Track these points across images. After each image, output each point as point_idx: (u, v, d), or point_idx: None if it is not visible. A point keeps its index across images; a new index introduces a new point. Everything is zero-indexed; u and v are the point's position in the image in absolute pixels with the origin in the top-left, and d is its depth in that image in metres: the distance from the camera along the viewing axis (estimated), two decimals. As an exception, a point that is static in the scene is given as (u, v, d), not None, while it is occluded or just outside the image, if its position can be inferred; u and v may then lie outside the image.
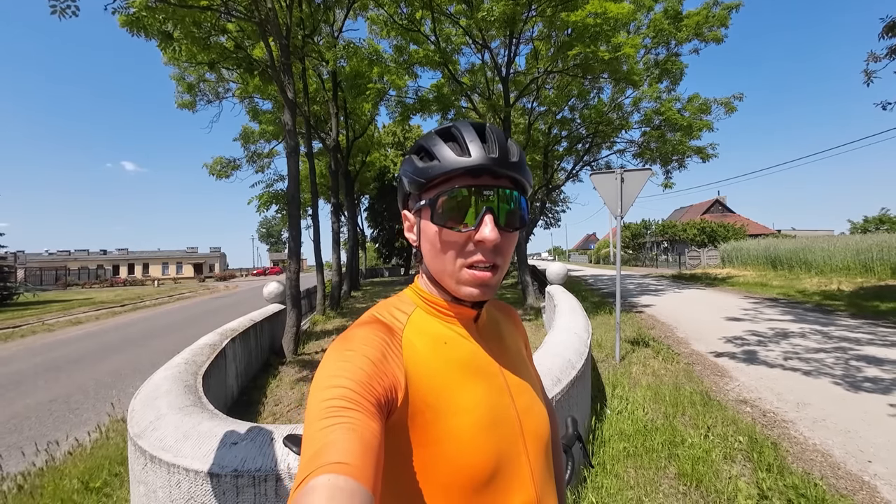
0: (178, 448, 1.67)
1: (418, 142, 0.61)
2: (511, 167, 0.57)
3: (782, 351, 5.77)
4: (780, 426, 3.45)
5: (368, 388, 0.47)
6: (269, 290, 6.87)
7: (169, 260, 55.69)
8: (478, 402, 0.57)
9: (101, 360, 7.28)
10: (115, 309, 16.83)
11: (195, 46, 7.40)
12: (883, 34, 7.86)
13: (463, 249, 0.56)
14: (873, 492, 2.50)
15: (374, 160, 22.19)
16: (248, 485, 1.52)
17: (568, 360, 2.64)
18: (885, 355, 5.30)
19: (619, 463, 2.77)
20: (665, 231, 36.77)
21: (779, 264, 18.91)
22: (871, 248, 15.01)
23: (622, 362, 5.26)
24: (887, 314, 8.17)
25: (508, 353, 0.68)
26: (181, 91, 13.15)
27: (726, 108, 13.15)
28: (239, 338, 4.63)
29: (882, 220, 32.10)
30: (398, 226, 32.01)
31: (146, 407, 2.10)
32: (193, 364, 3.07)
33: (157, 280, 44.38)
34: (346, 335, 0.56)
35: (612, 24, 8.99)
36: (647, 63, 13.00)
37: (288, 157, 6.90)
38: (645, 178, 5.34)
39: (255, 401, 4.45)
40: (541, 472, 0.61)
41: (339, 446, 0.40)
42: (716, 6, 12.20)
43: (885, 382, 4.31)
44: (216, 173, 16.10)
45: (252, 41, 8.78)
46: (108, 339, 9.59)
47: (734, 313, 9.11)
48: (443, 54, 10.40)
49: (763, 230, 37.27)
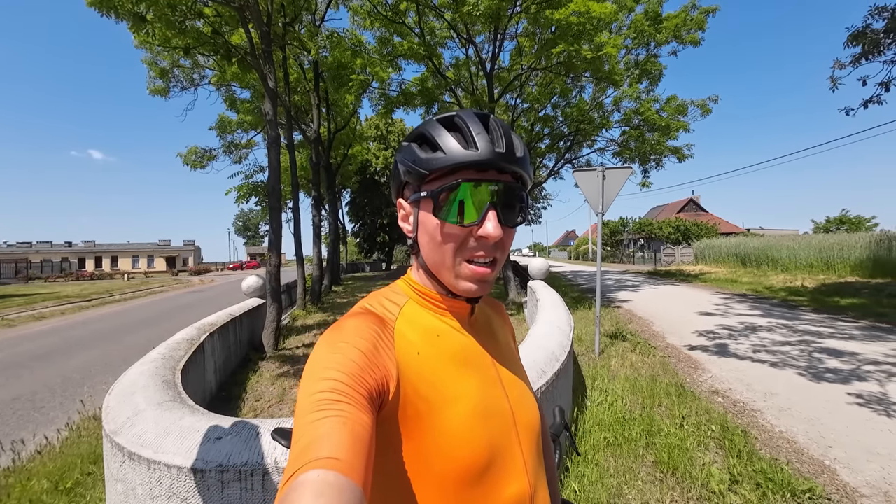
0: (159, 444, 1.62)
1: (418, 129, 0.59)
2: (517, 162, 0.56)
3: (751, 344, 6.03)
4: (750, 415, 3.62)
5: (360, 381, 0.47)
6: (249, 283, 6.71)
7: (139, 253, 53.60)
8: (471, 394, 0.57)
9: (68, 356, 6.97)
10: (81, 303, 16.10)
11: (169, 30, 7.07)
12: (848, 43, 8.24)
13: (464, 244, 0.56)
14: (833, 475, 2.66)
15: (357, 153, 21.87)
16: (234, 479, 1.49)
17: (552, 352, 2.69)
18: (843, 348, 5.62)
19: (600, 452, 2.85)
20: (642, 228, 37.77)
21: (748, 262, 19.72)
22: (832, 247, 15.84)
23: (601, 355, 5.40)
24: (846, 309, 8.66)
25: (499, 346, 0.68)
26: (153, 76, 12.59)
27: (702, 109, 13.54)
28: (217, 332, 4.52)
29: (842, 220, 33.90)
30: (380, 220, 31.76)
31: (122, 403, 2.03)
32: (171, 359, 2.98)
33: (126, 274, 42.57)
34: (338, 326, 0.55)
35: (595, 23, 9.09)
36: (627, 63, 13.24)
37: (268, 147, 6.73)
38: (626, 177, 5.46)
39: (235, 396, 4.36)
40: (533, 462, 0.61)
41: (329, 440, 0.40)
42: (694, 10, 12.52)
43: (844, 373, 4.58)
44: (191, 163, 15.52)
45: (230, 27, 8.49)
46: (75, 334, 9.17)
47: (707, 308, 9.47)
48: (427, 47, 10.32)
49: (734, 229, 38.78)
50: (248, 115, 14.72)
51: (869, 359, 5.07)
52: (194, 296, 18.40)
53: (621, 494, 2.45)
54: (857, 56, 8.18)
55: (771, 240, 20.06)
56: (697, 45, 12.84)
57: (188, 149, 15.46)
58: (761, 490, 2.44)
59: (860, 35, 8.03)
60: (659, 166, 14.66)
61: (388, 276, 21.58)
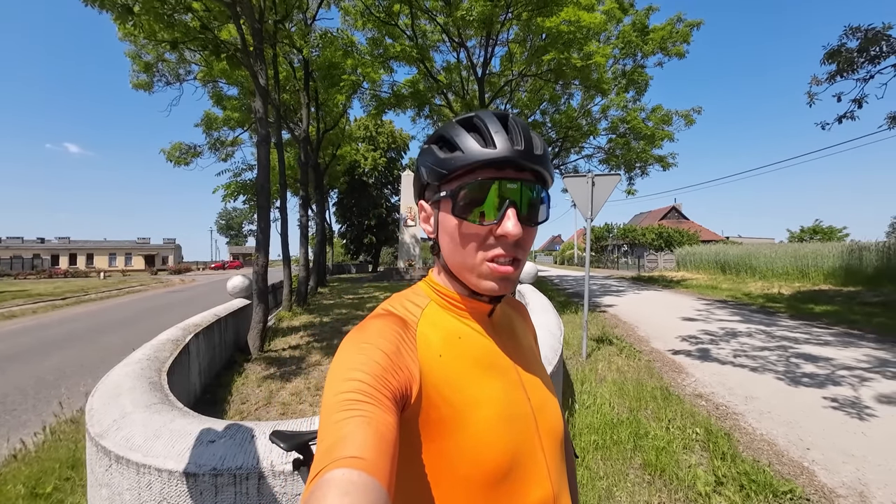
0: (149, 447, 1.58)
1: (439, 131, 0.60)
2: (536, 160, 0.55)
3: (732, 349, 6.20)
4: (732, 418, 3.72)
5: (384, 382, 0.47)
6: (234, 284, 6.58)
7: (117, 251, 51.97)
8: (494, 397, 0.56)
9: (41, 357, 6.70)
10: (55, 302, 15.51)
11: (157, 23, 6.94)
12: (824, 60, 8.59)
13: (484, 243, 0.56)
14: (812, 476, 2.76)
15: (345, 154, 21.69)
16: (228, 483, 1.46)
17: (544, 356, 2.72)
18: (819, 353, 5.83)
19: (590, 455, 2.89)
20: (626, 235, 38.47)
21: (727, 269, 20.28)
22: (806, 256, 16.42)
23: (588, 359, 5.47)
24: (821, 316, 8.97)
25: (521, 349, 0.68)
26: (137, 70, 12.26)
27: (686, 120, 13.93)
28: (202, 333, 4.41)
29: (815, 230, 35.22)
30: (367, 222, 31.55)
31: (108, 405, 1.97)
32: (156, 360, 2.90)
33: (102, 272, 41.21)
34: (361, 327, 0.55)
35: (585, 32, 9.28)
36: (615, 72, 13.53)
37: (258, 145, 6.63)
38: (614, 184, 5.57)
39: (221, 399, 4.26)
40: (557, 468, 0.60)
41: (354, 440, 0.40)
42: (679, 23, 12.88)
43: (820, 378, 4.74)
44: (174, 160, 15.15)
45: (220, 22, 8.35)
46: (48, 334, 8.83)
47: (689, 314, 9.69)
48: (419, 50, 10.35)
49: (714, 236, 39.83)
50: (235, 113, 14.46)
51: (843, 364, 5.26)
52: (174, 296, 17.92)
53: (611, 497, 2.48)
54: (833, 73, 8.54)
55: (749, 248, 20.69)
56: (682, 57, 13.21)
57: (172, 145, 15.09)
58: (745, 491, 2.50)
59: (835, 53, 8.38)
60: (644, 174, 14.99)
61: (375, 279, 21.41)
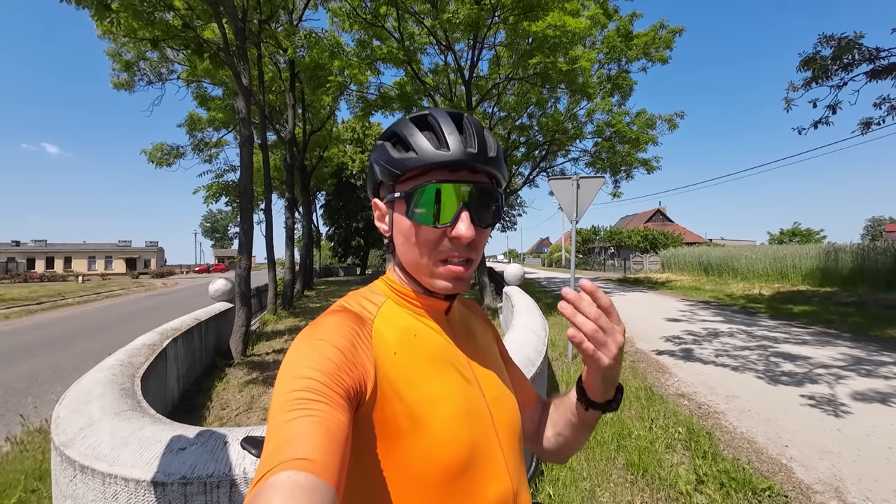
0: (116, 456, 1.51)
1: (391, 127, 0.59)
2: (489, 162, 0.55)
3: (714, 349, 6.31)
4: (713, 417, 3.77)
5: (337, 379, 0.46)
6: (217, 287, 6.45)
7: (96, 254, 50.62)
8: (450, 394, 0.56)
9: (10, 363, 6.46)
10: (29, 307, 15.00)
11: (136, 21, 6.77)
12: (800, 67, 8.85)
13: (438, 244, 0.56)
14: (790, 473, 2.80)
15: (332, 156, 21.56)
16: (198, 492, 1.41)
17: (528, 357, 2.71)
18: (797, 352, 5.97)
19: (573, 455, 2.89)
20: (612, 237, 39.02)
21: (710, 270, 20.70)
22: (785, 258, 16.87)
23: (574, 360, 5.50)
24: (799, 316, 9.21)
25: (477, 345, 0.68)
26: (117, 69, 11.99)
27: (669, 124, 14.20)
28: (181, 338, 4.30)
29: (794, 232, 36.21)
30: (355, 224, 31.33)
31: (75, 413, 1.89)
32: (130, 366, 2.81)
33: (81, 276, 39.99)
34: (315, 324, 0.54)
35: (570, 37, 9.38)
36: (600, 77, 13.72)
37: (241, 147, 6.53)
38: (598, 186, 5.63)
39: (200, 405, 4.15)
40: (515, 462, 0.60)
41: (303, 440, 0.39)
42: (662, 29, 13.14)
43: (798, 376, 4.85)
44: (156, 161, 14.78)
45: (203, 21, 8.21)
46: (20, 340, 8.52)
47: (673, 314, 9.84)
48: (407, 52, 10.33)
49: (697, 239, 40.69)
50: (219, 113, 14.22)
51: (820, 362, 5.40)
52: (156, 299, 17.51)
53: (594, 497, 2.49)
54: (808, 80, 8.80)
55: (731, 250, 21.17)
56: (665, 62, 13.46)
57: (153, 145, 14.75)
58: (725, 489, 2.53)
59: (811, 60, 8.64)
60: (629, 177, 15.22)
61: (363, 281, 21.30)
